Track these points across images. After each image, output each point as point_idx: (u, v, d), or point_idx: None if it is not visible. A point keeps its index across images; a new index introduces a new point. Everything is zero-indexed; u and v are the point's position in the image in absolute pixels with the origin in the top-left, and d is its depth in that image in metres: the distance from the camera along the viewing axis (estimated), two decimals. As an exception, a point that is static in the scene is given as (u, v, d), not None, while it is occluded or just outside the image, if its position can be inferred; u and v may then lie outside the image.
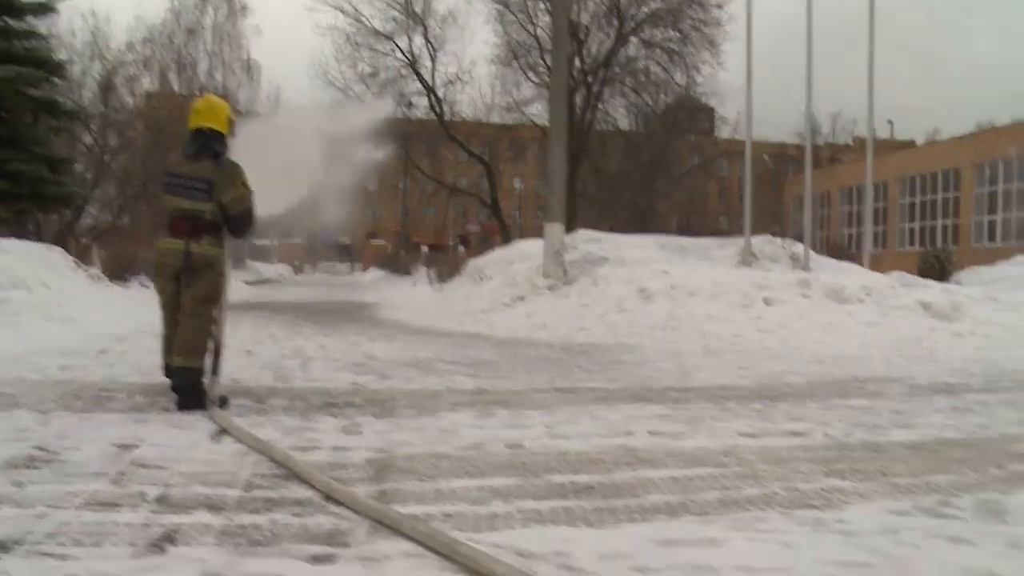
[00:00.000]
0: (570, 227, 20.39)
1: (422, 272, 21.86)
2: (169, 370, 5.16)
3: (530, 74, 29.00)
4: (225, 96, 5.25)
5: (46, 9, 14.97)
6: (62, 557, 2.51)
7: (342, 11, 29.32)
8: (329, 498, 3.19)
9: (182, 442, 4.15)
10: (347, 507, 3.06)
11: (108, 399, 5.33)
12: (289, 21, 60.31)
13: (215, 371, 5.18)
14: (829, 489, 3.33)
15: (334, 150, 6.32)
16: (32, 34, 14.94)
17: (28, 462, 3.73)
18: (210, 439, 4.25)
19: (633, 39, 28.37)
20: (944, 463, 3.83)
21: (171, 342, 5.19)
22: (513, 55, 29.23)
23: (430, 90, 30.98)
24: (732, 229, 30.85)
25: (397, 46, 30.46)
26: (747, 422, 4.75)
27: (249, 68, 44.20)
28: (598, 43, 28.49)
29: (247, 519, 2.96)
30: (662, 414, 4.96)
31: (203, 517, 2.98)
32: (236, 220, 5.25)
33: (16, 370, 6.31)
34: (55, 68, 15.25)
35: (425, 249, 36.62)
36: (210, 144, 5.21)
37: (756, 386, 6.25)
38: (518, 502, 3.13)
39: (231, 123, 5.36)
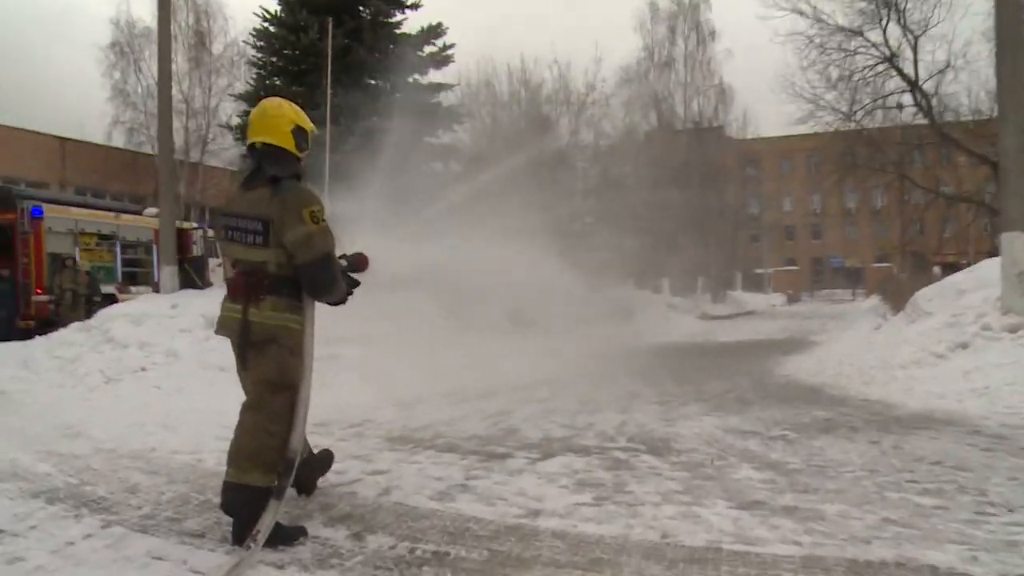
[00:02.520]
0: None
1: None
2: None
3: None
4: (292, 97, 3.69)
5: (445, 60, 15.32)
6: None
7: (800, 13, 26.21)
8: None
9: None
10: None
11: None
12: (749, 35, 57.93)
13: (277, 494, 3.51)
14: None
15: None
16: (435, 86, 15.40)
17: None
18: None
19: None
20: None
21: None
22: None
23: (914, 85, 26.04)
24: None
25: (868, 41, 26.22)
26: None
27: (723, 92, 43.12)
28: None
29: None
30: None
31: None
32: (305, 272, 3.56)
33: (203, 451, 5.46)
34: (454, 116, 15.54)
35: (936, 270, 31.19)
36: (265, 165, 3.63)
37: None
38: None
39: (299, 134, 3.70)
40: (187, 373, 8.67)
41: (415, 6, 15.55)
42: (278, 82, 14.07)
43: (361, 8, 14.43)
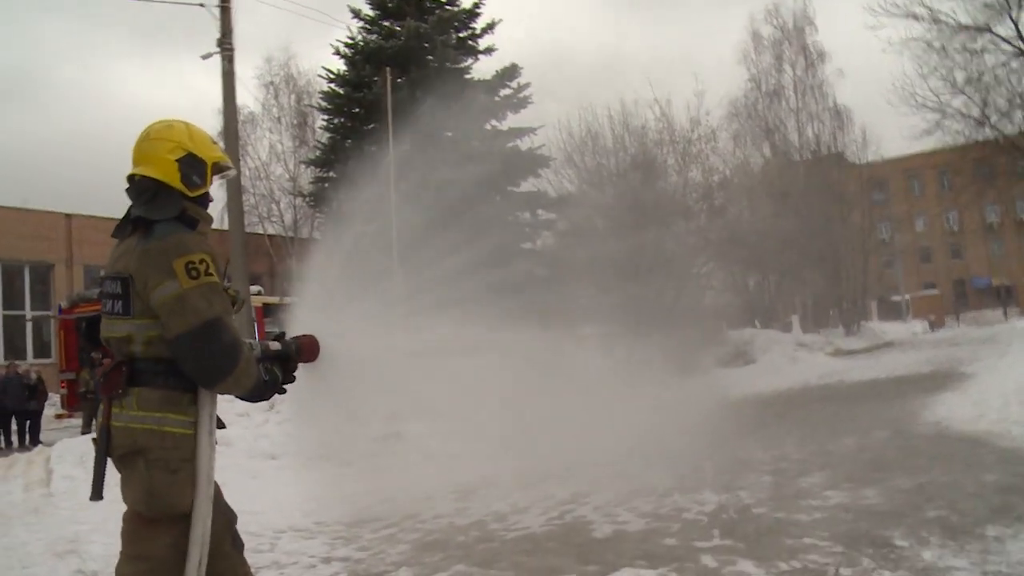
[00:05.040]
0: None
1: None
2: None
3: None
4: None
5: (521, 102, 14.48)
6: None
7: (914, 16, 24.03)
8: None
9: None
10: None
11: None
12: (860, 49, 54.33)
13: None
14: None
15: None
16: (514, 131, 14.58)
17: None
18: None
19: None
20: None
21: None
22: None
23: (1057, 79, 23.39)
24: None
25: (998, 36, 23.75)
26: None
27: (838, 115, 40.63)
28: None
29: None
30: None
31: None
32: (180, 349, 2.40)
33: None
34: (540, 161, 14.62)
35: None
36: (134, 207, 2.59)
37: None
38: None
39: (190, 164, 2.58)
40: (233, 465, 7.80)
41: (489, 51, 14.80)
42: (348, 143, 13.48)
43: (430, 57, 13.74)
